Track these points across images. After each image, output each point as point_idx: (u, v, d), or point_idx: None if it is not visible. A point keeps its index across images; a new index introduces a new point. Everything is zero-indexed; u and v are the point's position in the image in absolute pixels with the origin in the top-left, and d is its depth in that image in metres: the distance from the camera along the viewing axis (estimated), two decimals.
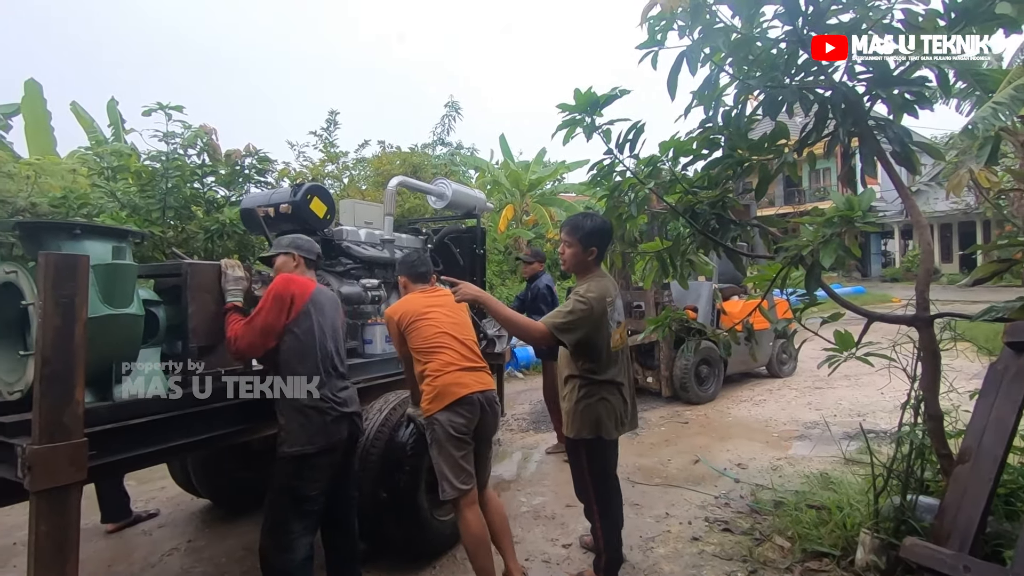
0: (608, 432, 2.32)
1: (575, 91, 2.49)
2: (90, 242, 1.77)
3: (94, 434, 1.67)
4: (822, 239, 2.00)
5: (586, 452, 2.37)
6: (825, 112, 2.40)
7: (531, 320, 2.33)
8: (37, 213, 6.05)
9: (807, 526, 2.82)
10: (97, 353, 1.74)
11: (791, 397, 6.18)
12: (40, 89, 11.88)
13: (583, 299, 2.24)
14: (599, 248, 2.41)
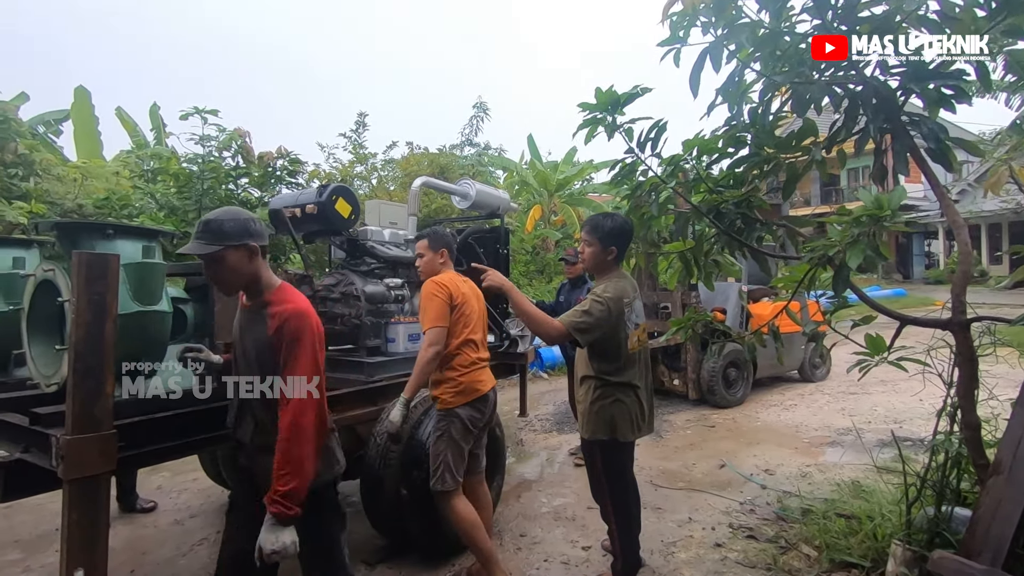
0: (623, 434, 2.29)
1: (596, 90, 2.47)
2: (122, 242, 1.84)
3: (123, 426, 1.74)
4: (849, 239, 1.94)
5: (601, 453, 2.35)
6: (856, 108, 2.32)
7: (550, 317, 2.32)
8: (83, 214, 6.34)
9: (836, 535, 2.74)
10: (127, 348, 1.81)
11: (823, 402, 6.01)
12: (88, 95, 12.40)
13: (600, 299, 2.24)
14: (619, 248, 2.41)
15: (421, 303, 2.48)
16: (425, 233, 2.74)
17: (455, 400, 2.44)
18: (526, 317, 2.32)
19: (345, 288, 3.31)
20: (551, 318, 2.31)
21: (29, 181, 6.96)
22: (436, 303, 2.43)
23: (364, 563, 2.83)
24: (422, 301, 2.47)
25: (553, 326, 2.23)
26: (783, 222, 2.79)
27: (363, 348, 3.35)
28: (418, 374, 2.42)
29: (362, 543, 3.03)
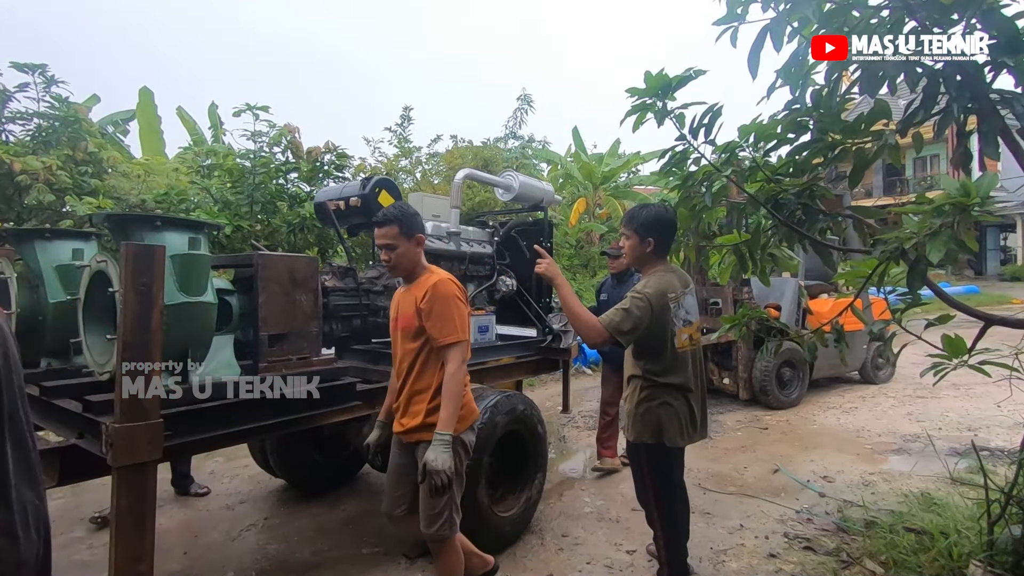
0: (671, 439, 2.18)
1: (645, 73, 2.35)
2: (169, 233, 1.87)
3: (170, 416, 1.76)
4: (929, 230, 1.75)
5: (647, 457, 2.24)
6: (936, 87, 2.11)
7: (593, 317, 2.22)
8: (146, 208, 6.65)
9: (904, 551, 2.54)
10: (173, 339, 1.83)
11: (887, 406, 5.64)
12: (152, 96, 13.02)
13: (640, 295, 2.13)
14: (656, 239, 2.31)
15: (439, 308, 1.99)
16: (390, 215, 2.10)
17: (461, 425, 2.09)
18: (571, 314, 2.24)
19: (388, 281, 3.30)
20: (594, 318, 2.21)
21: (99, 178, 7.36)
22: (462, 309, 2.06)
23: (405, 556, 2.83)
24: (440, 305, 2.00)
25: (593, 327, 2.14)
26: (849, 213, 2.58)
27: None
28: (455, 400, 1.97)
29: (401, 538, 3.03)
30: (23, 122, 7.70)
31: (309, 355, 2.36)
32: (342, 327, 3.10)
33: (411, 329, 2.06)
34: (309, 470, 3.63)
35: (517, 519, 2.97)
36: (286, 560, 2.89)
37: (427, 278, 2.08)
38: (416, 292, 2.07)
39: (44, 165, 6.69)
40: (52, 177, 6.71)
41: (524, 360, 3.96)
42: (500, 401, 2.88)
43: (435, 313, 1.99)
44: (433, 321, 1.99)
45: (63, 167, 6.95)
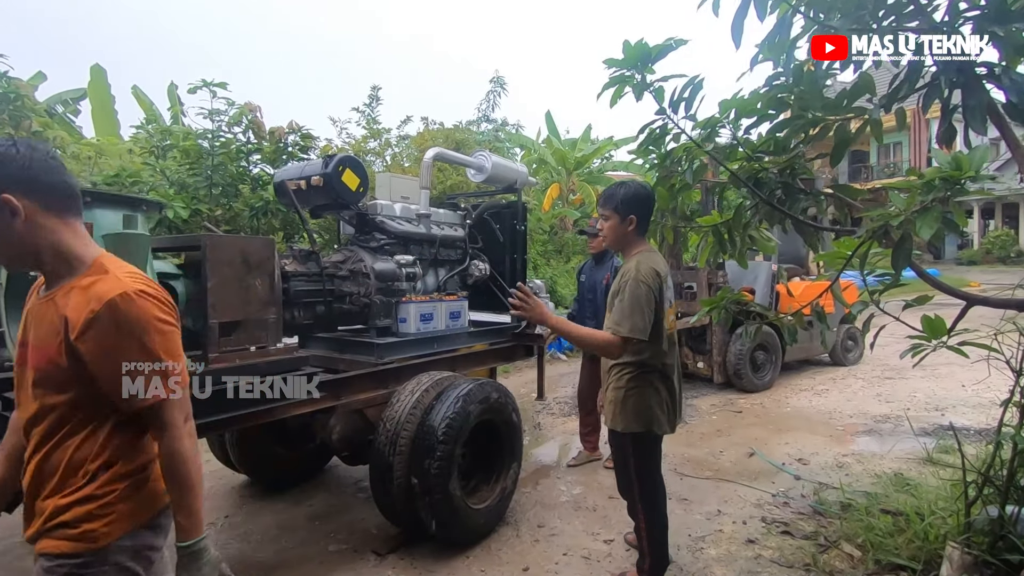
0: (660, 426, 2.10)
1: (624, 43, 2.22)
2: (100, 210, 1.67)
3: None
4: (918, 206, 1.68)
5: (633, 448, 2.15)
6: (921, 61, 2.05)
7: (602, 333, 2.06)
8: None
9: (881, 534, 2.52)
10: None
11: (857, 387, 5.73)
12: (104, 74, 12.37)
13: (638, 283, 2.02)
14: (638, 215, 2.22)
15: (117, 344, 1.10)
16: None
17: (118, 526, 1.16)
18: (582, 343, 2.15)
19: (353, 265, 3.14)
20: (603, 334, 2.05)
21: None
22: (168, 339, 1.16)
23: (375, 553, 2.70)
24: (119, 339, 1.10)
25: (610, 342, 2.00)
26: (832, 191, 2.52)
27: (373, 328, 3.19)
28: (195, 488, 1.20)
29: (374, 532, 2.91)
30: None
31: (266, 344, 2.19)
32: (304, 314, 2.92)
33: (51, 374, 1.12)
34: (272, 464, 3.46)
35: (492, 510, 2.87)
36: (247, 560, 2.74)
37: (92, 284, 1.11)
38: (65, 308, 1.10)
39: None
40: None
41: (498, 347, 3.85)
42: (472, 390, 2.76)
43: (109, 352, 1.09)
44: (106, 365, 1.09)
45: None
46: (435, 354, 3.33)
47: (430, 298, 3.41)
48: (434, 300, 3.41)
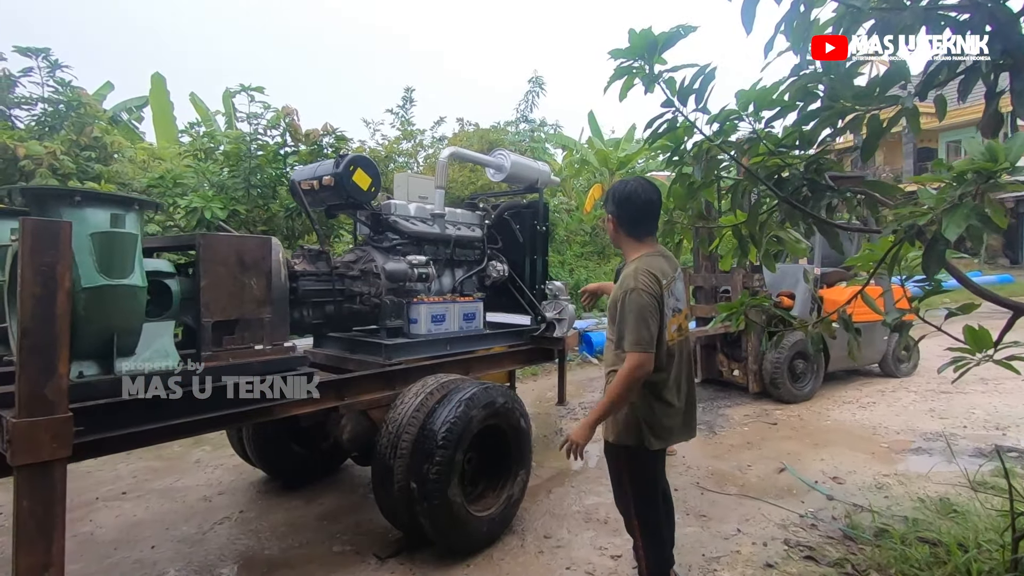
0: (650, 442, 1.96)
1: (629, 32, 2.09)
2: (90, 209, 1.70)
3: (86, 409, 1.61)
4: (948, 203, 1.49)
5: (625, 461, 2.03)
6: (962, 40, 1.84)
7: (622, 370, 1.91)
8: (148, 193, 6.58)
9: (917, 565, 2.29)
10: (94, 325, 1.67)
11: (908, 401, 5.31)
12: (164, 82, 13.05)
13: (639, 291, 1.91)
14: (617, 215, 2.13)
15: None
16: None
17: None
18: (620, 397, 1.92)
19: (365, 265, 3.13)
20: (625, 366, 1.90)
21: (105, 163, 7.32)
22: None
23: (376, 556, 2.67)
24: None
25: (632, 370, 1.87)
26: (861, 188, 2.30)
27: (383, 328, 3.17)
28: None
29: (379, 535, 2.89)
30: (28, 107, 7.70)
31: (262, 343, 2.18)
32: (314, 314, 2.94)
33: None
34: (288, 461, 3.50)
35: (497, 518, 2.79)
36: (254, 556, 2.76)
37: None
38: None
39: (48, 150, 6.66)
40: (56, 162, 6.67)
41: (516, 349, 3.77)
42: (477, 393, 2.69)
43: None
44: None
45: (67, 152, 6.92)
46: (447, 356, 3.28)
47: (443, 299, 3.37)
48: (447, 301, 3.37)
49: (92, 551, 2.83)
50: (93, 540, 2.94)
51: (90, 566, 2.68)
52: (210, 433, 3.85)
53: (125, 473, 3.86)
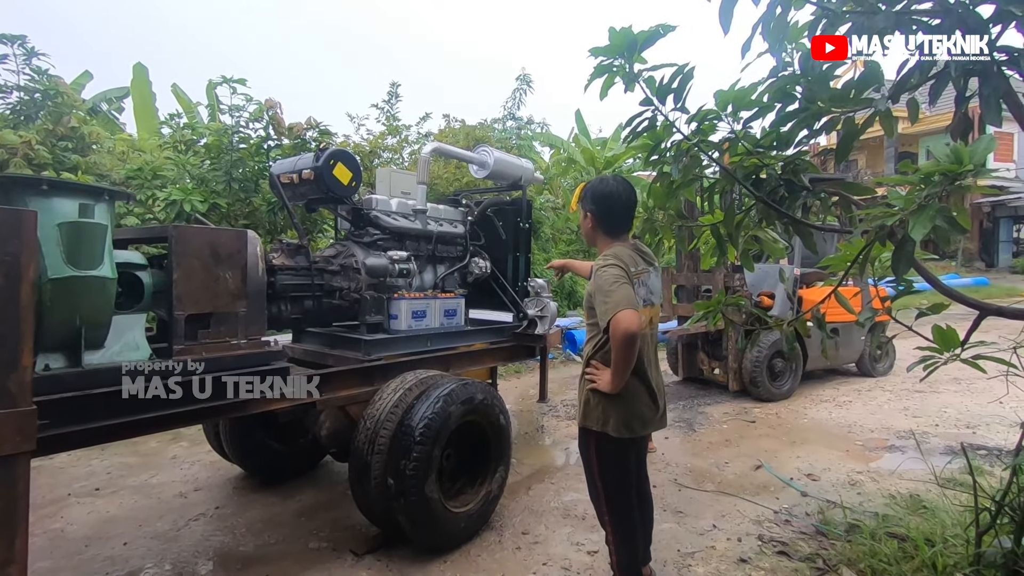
0: (618, 430, 1.98)
1: (610, 30, 2.10)
2: (58, 199, 1.67)
3: (52, 402, 1.57)
4: (914, 205, 1.52)
5: (595, 447, 2.04)
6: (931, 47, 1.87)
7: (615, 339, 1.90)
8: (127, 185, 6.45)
9: (885, 560, 2.34)
10: (61, 316, 1.64)
11: (883, 400, 5.41)
12: (146, 72, 12.82)
13: (607, 266, 1.97)
14: (595, 212, 2.15)
15: None
16: None
17: None
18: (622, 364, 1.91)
19: (344, 260, 3.11)
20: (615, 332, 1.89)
21: (83, 154, 7.17)
22: None
23: (352, 553, 2.66)
24: None
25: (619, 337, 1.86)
26: (835, 189, 2.34)
27: (363, 324, 3.15)
28: None
29: (356, 531, 2.87)
30: (2, 96, 7.51)
31: (237, 338, 2.16)
32: (292, 308, 2.91)
33: None
34: (265, 457, 3.46)
35: (475, 515, 2.79)
36: (229, 553, 2.74)
37: None
38: None
39: (23, 140, 6.50)
40: (31, 152, 6.51)
41: (497, 346, 3.77)
42: (456, 390, 2.69)
43: None
44: None
45: (43, 142, 6.76)
46: (428, 352, 3.27)
47: (424, 295, 3.36)
48: (428, 297, 3.36)
49: (62, 548, 2.78)
50: (64, 537, 2.89)
51: (59, 563, 2.64)
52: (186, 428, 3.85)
53: (99, 469, 3.80)
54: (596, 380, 2.02)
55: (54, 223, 1.62)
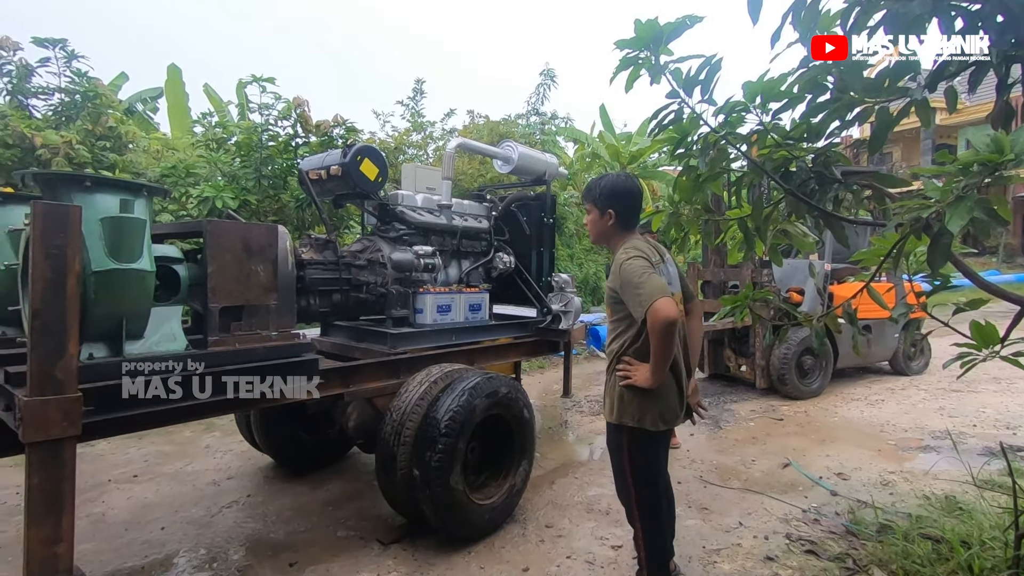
0: (654, 423, 1.97)
1: (635, 22, 2.09)
2: (100, 195, 1.74)
3: (96, 390, 1.64)
4: (951, 197, 1.48)
5: (627, 443, 2.04)
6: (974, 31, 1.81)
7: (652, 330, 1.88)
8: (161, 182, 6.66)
9: (919, 561, 2.28)
10: (104, 308, 1.71)
11: (918, 399, 5.26)
12: (179, 73, 13.16)
13: (630, 258, 1.96)
14: (617, 210, 2.11)
15: None
16: None
17: None
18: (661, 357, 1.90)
19: (371, 255, 3.16)
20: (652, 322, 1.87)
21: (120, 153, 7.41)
22: None
23: (379, 542, 2.71)
24: None
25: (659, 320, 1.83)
26: (868, 181, 2.28)
27: (389, 318, 3.19)
28: None
29: (382, 521, 2.93)
30: (45, 97, 7.81)
31: (268, 329, 2.22)
32: (320, 302, 2.97)
33: None
34: (294, 448, 3.55)
35: (499, 507, 2.82)
36: (260, 539, 2.81)
37: None
38: None
39: (64, 139, 6.76)
40: (72, 151, 6.77)
41: (521, 341, 3.78)
42: (480, 383, 2.71)
43: None
44: None
45: (83, 142, 7.01)
46: (452, 346, 3.30)
47: (449, 290, 3.39)
48: (453, 292, 3.39)
49: (104, 531, 2.89)
50: (104, 520, 3.01)
51: (101, 545, 2.75)
52: (219, 418, 3.96)
53: (137, 457, 3.94)
54: (632, 375, 1.99)
55: (97, 218, 1.69)
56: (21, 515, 1.63)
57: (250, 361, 2.10)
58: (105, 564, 2.59)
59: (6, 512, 3.09)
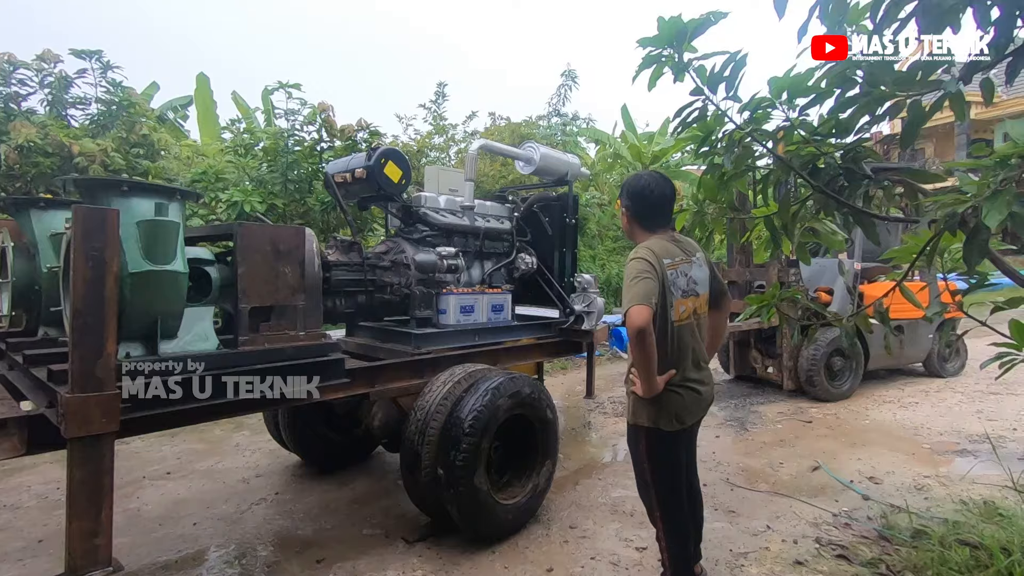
0: (669, 423, 1.95)
1: (658, 19, 2.07)
2: (136, 199, 1.80)
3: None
4: (988, 190, 1.43)
5: (645, 443, 2.02)
6: (1012, 20, 1.75)
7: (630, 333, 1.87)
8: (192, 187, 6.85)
9: (955, 568, 2.21)
10: (140, 308, 1.77)
11: (954, 402, 5.09)
12: (208, 81, 13.49)
13: (630, 261, 1.96)
14: (633, 209, 2.13)
15: None
16: None
17: None
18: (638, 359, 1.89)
19: (395, 256, 3.19)
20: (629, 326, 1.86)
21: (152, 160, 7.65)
22: None
23: (404, 540, 2.74)
24: None
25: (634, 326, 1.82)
26: (900, 177, 2.22)
27: (413, 319, 3.22)
28: None
29: (407, 519, 2.96)
30: (82, 107, 8.10)
31: (296, 329, 2.26)
32: (346, 303, 3.01)
33: None
34: (321, 446, 3.61)
35: (523, 507, 2.82)
36: (288, 536, 2.87)
37: None
38: None
39: (100, 147, 7.00)
40: (107, 159, 7.00)
41: (544, 342, 3.78)
42: (503, 383, 2.72)
43: None
44: None
45: (117, 149, 7.25)
46: (475, 346, 3.32)
47: (472, 290, 3.41)
48: (476, 292, 3.40)
49: (139, 526, 2.98)
50: (140, 516, 3.10)
51: (136, 539, 2.84)
52: (247, 417, 4.04)
53: (170, 454, 4.05)
54: (635, 383, 2.00)
55: (133, 221, 1.75)
56: (61, 509, 1.71)
57: (279, 361, 2.14)
58: (141, 557, 2.67)
59: (48, 506, 3.21)
